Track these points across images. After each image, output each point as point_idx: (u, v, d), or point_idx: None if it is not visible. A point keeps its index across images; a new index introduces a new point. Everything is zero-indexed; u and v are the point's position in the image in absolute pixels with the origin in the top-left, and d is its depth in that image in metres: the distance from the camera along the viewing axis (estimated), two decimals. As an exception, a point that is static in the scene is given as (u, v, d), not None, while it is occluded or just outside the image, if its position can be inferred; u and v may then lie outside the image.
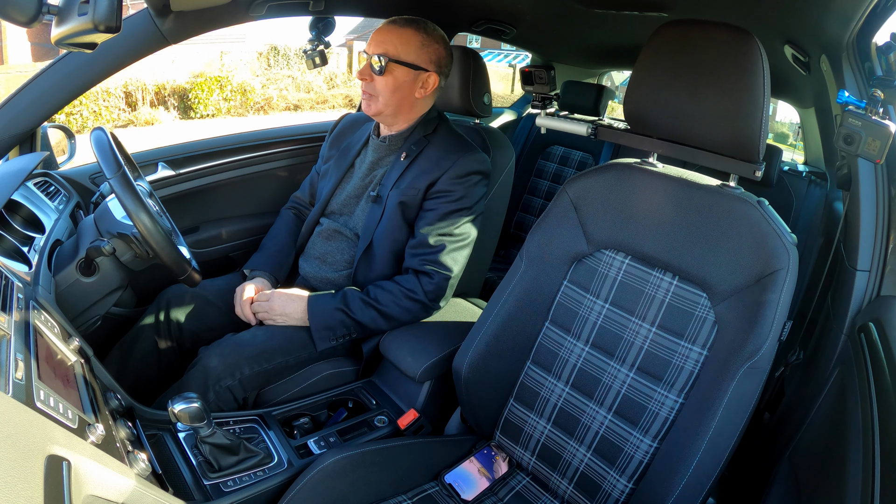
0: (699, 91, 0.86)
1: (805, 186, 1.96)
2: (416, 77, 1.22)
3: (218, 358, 1.09)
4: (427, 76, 1.24)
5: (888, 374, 0.71)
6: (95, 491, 0.53)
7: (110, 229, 1.02)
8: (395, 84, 1.21)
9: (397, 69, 1.20)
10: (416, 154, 1.26)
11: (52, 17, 0.68)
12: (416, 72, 1.22)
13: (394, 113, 1.26)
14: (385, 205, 1.25)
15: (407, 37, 1.20)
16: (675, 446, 0.86)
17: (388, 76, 1.20)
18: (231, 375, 1.09)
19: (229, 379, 1.08)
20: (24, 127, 1.06)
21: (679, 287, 0.91)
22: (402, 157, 1.27)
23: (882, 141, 0.80)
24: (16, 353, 0.57)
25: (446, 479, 1.00)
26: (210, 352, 1.11)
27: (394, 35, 1.20)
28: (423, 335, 1.19)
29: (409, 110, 1.27)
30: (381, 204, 1.26)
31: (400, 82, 1.21)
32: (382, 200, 1.26)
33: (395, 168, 1.27)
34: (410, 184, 1.24)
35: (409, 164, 1.26)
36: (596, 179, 1.00)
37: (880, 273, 0.93)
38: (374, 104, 1.23)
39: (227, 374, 1.08)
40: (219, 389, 1.08)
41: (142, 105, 8.41)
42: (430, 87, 1.25)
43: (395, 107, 1.24)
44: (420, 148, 1.27)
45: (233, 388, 1.09)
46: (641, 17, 1.43)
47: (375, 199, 1.27)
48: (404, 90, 1.23)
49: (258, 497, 0.89)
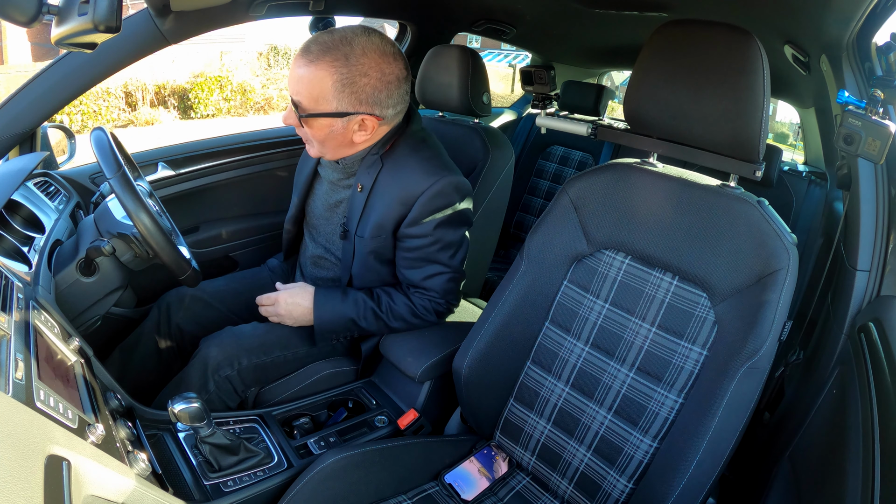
0: (699, 91, 0.86)
1: (805, 186, 1.96)
2: (347, 123, 1.01)
3: (217, 348, 1.10)
4: (360, 119, 1.01)
5: (888, 374, 0.71)
6: (95, 491, 0.53)
7: (110, 229, 1.02)
8: (322, 135, 1.02)
9: (318, 120, 0.99)
10: (373, 183, 1.10)
11: (52, 17, 0.68)
12: (346, 118, 1.00)
13: (335, 156, 1.09)
14: (354, 245, 1.14)
15: (320, 79, 0.96)
16: (675, 446, 0.86)
17: (312, 128, 1.01)
18: (230, 365, 1.09)
19: (228, 369, 1.09)
20: (24, 127, 1.06)
21: (679, 287, 0.91)
22: (358, 189, 1.11)
23: (882, 141, 0.80)
24: (16, 353, 0.57)
25: (446, 479, 1.00)
26: (210, 342, 1.12)
27: (306, 75, 0.96)
28: (423, 335, 1.19)
29: (353, 150, 1.09)
30: (350, 241, 1.15)
31: (326, 132, 1.02)
32: (351, 237, 1.14)
33: (355, 203, 1.12)
34: (374, 230, 1.10)
35: (368, 198, 1.11)
36: (596, 179, 1.00)
37: (880, 273, 0.93)
38: (312, 149, 1.08)
39: (226, 364, 1.09)
40: (218, 379, 1.08)
41: (142, 105, 8.41)
42: (370, 129, 1.03)
43: (334, 151, 1.07)
44: (375, 173, 1.09)
45: (231, 378, 1.10)
46: (641, 17, 1.43)
47: (343, 236, 1.16)
48: (336, 139, 1.03)
49: (258, 497, 0.89)
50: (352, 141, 1.05)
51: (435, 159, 1.10)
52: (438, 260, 1.14)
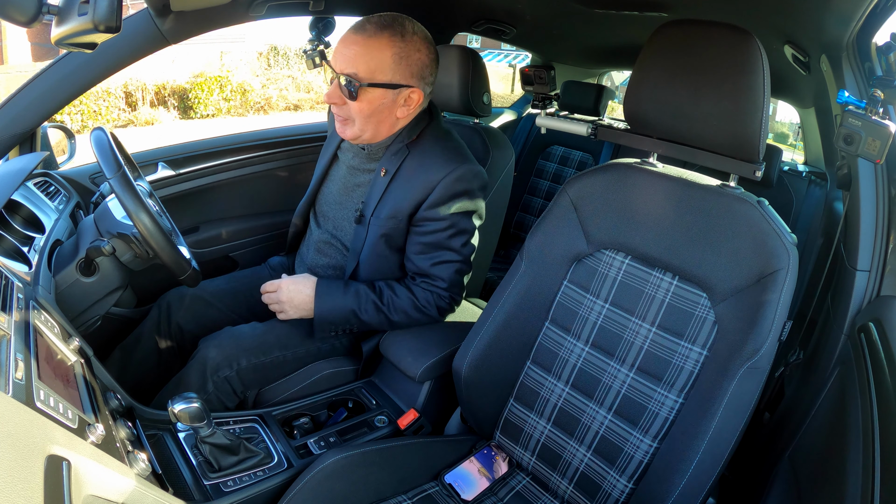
0: (699, 91, 0.86)
1: (805, 186, 1.96)
2: (396, 96, 1.07)
3: (216, 349, 1.10)
4: (409, 92, 1.07)
5: (888, 374, 0.71)
6: (95, 491, 0.53)
7: (110, 229, 1.02)
8: (371, 108, 1.06)
9: (372, 91, 1.04)
10: (397, 169, 1.13)
11: (52, 17, 0.68)
12: (397, 91, 1.06)
13: (373, 136, 1.12)
14: (368, 229, 1.16)
15: (380, 50, 1.02)
16: (675, 446, 0.86)
17: (362, 101, 1.04)
18: (229, 366, 1.09)
19: (227, 370, 1.09)
20: (24, 127, 1.06)
21: (679, 287, 0.91)
22: (381, 174, 1.15)
23: (882, 141, 0.80)
24: (16, 353, 0.57)
25: (446, 479, 1.00)
26: (209, 343, 1.12)
27: (364, 49, 1.02)
28: (423, 335, 1.19)
29: (390, 129, 1.13)
30: (364, 225, 1.16)
31: (376, 105, 1.05)
32: (365, 222, 1.16)
33: (376, 187, 1.15)
34: (392, 212, 1.12)
35: (389, 183, 1.14)
36: (596, 179, 1.00)
37: (880, 273, 0.93)
38: (350, 129, 1.10)
39: (224, 365, 1.09)
40: (217, 380, 1.08)
41: (142, 105, 8.40)
42: (413, 104, 1.10)
43: (374, 130, 1.11)
44: (401, 160, 1.13)
45: (231, 379, 1.10)
46: (641, 17, 1.43)
47: (359, 220, 1.17)
48: (383, 112, 1.07)
49: (258, 497, 0.89)
50: (395, 117, 1.10)
51: (458, 149, 1.16)
52: (450, 246, 1.15)
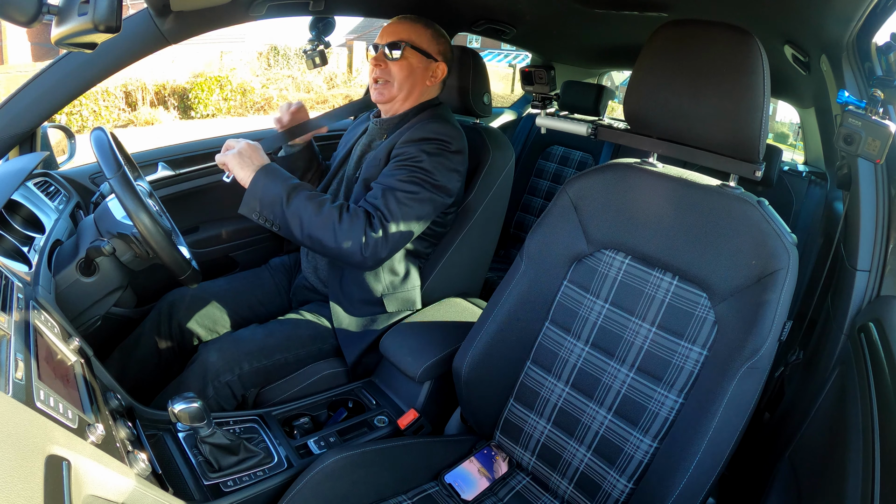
0: (699, 91, 0.86)
1: (805, 186, 1.96)
2: (428, 66, 1.29)
3: (217, 354, 1.09)
4: (437, 66, 1.30)
5: (888, 374, 0.71)
6: (95, 491, 0.53)
7: (110, 229, 1.02)
8: (410, 69, 1.27)
9: (413, 55, 1.26)
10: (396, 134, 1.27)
11: (52, 17, 0.68)
12: (429, 60, 1.28)
13: (404, 98, 1.30)
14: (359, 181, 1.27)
15: (420, 28, 1.28)
16: (675, 446, 0.86)
17: (404, 61, 1.26)
18: (230, 371, 1.09)
19: (228, 374, 1.09)
20: (24, 127, 1.06)
21: (679, 287, 0.91)
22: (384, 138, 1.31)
23: (882, 141, 0.80)
24: (16, 353, 0.57)
25: (446, 479, 1.00)
26: (209, 347, 1.11)
27: (408, 26, 1.28)
28: (423, 335, 1.19)
29: (417, 97, 1.32)
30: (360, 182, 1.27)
31: (414, 68, 1.27)
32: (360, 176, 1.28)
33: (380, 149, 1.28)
34: (372, 160, 1.25)
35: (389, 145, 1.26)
36: (596, 179, 1.00)
37: (880, 273, 0.93)
38: (388, 90, 1.27)
39: (226, 370, 1.09)
40: (218, 385, 1.08)
41: (142, 105, 8.41)
42: (438, 77, 1.32)
43: (408, 92, 1.29)
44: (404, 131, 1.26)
45: (232, 384, 1.09)
46: (641, 17, 1.42)
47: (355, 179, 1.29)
48: (417, 76, 1.28)
49: (258, 497, 0.89)
50: (423, 86, 1.30)
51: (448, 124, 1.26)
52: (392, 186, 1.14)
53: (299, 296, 1.37)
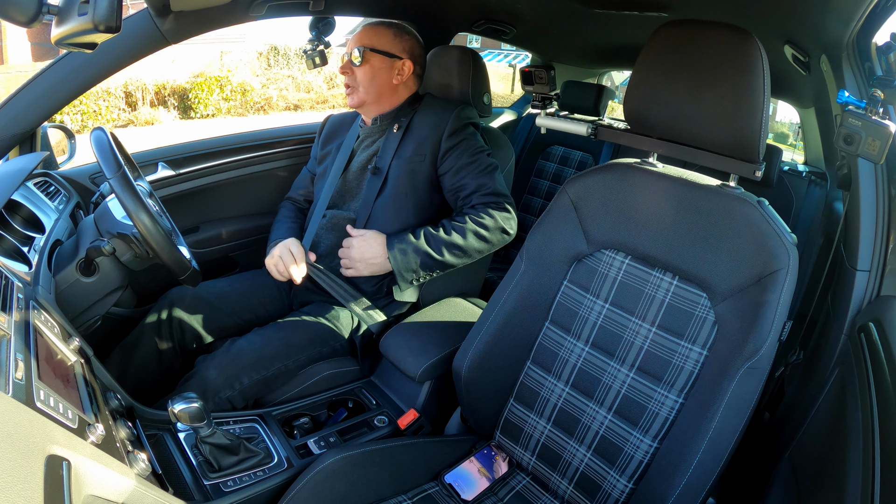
0: (699, 91, 0.86)
1: (805, 186, 1.96)
2: (392, 65, 1.33)
3: (216, 370, 1.07)
4: (402, 63, 1.34)
5: (888, 374, 0.71)
6: (95, 491, 0.53)
7: (110, 229, 1.02)
8: (373, 72, 1.32)
9: (373, 58, 1.31)
10: (408, 123, 1.34)
11: (52, 17, 0.68)
12: (392, 59, 1.33)
13: (375, 101, 1.35)
14: (387, 174, 1.32)
15: (381, 30, 1.33)
16: (675, 446, 0.86)
17: (366, 65, 1.31)
18: (230, 387, 1.07)
19: (228, 391, 1.07)
20: (24, 127, 1.06)
21: (679, 287, 0.91)
22: (394, 129, 1.35)
23: (882, 141, 0.80)
24: (16, 353, 0.57)
25: (446, 479, 1.00)
26: (208, 363, 1.09)
27: (368, 31, 1.33)
28: (423, 335, 1.19)
29: (390, 95, 1.37)
30: (380, 175, 1.32)
31: (377, 70, 1.32)
32: (382, 172, 1.32)
33: (391, 140, 1.34)
34: (414, 151, 1.31)
35: (404, 134, 1.34)
36: (596, 179, 1.00)
37: (880, 273, 0.93)
38: (356, 95, 1.34)
39: (225, 386, 1.07)
40: (218, 401, 1.07)
41: (142, 105, 8.41)
42: (405, 74, 1.35)
43: (376, 94, 1.34)
44: (410, 116, 1.35)
45: (232, 398, 1.08)
46: (641, 17, 1.43)
47: (375, 171, 1.33)
48: (382, 77, 1.33)
49: (258, 497, 0.89)
50: (391, 84, 1.34)
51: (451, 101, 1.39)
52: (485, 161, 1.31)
53: (300, 297, 1.36)
